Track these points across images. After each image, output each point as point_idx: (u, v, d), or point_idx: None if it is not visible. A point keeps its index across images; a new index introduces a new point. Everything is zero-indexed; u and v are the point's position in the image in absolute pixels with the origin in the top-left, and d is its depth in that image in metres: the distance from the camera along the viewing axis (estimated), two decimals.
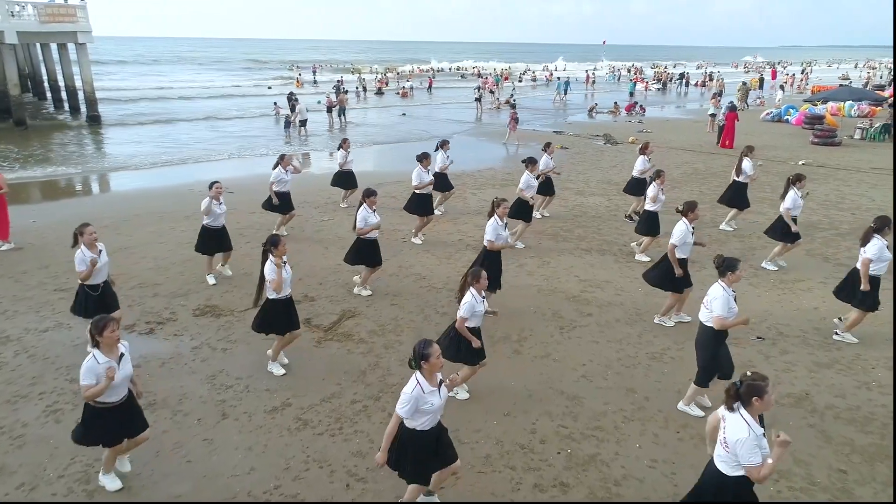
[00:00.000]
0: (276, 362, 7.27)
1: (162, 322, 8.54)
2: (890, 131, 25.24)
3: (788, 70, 76.50)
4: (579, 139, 25.36)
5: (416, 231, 12.07)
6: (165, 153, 22.23)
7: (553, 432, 6.14)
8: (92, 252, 7.12)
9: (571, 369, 7.30)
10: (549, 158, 13.18)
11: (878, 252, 7.48)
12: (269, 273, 6.80)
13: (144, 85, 49.71)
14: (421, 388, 4.51)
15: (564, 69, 77.46)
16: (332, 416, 6.39)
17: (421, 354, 4.55)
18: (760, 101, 40.16)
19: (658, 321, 8.43)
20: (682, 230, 7.93)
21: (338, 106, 30.23)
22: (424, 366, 4.53)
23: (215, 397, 6.73)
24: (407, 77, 59.64)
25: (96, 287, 7.29)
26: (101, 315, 5.09)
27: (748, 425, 3.98)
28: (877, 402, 6.61)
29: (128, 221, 13.24)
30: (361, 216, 8.91)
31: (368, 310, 8.93)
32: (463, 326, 6.22)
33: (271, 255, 6.81)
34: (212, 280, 9.87)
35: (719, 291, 5.96)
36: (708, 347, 6.10)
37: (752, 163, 12.43)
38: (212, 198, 9.42)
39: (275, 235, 7.02)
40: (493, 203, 8.41)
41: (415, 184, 11.82)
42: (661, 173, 10.74)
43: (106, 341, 4.92)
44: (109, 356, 4.95)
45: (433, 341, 4.63)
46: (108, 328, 4.91)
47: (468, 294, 6.22)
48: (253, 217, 13.34)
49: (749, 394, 4.02)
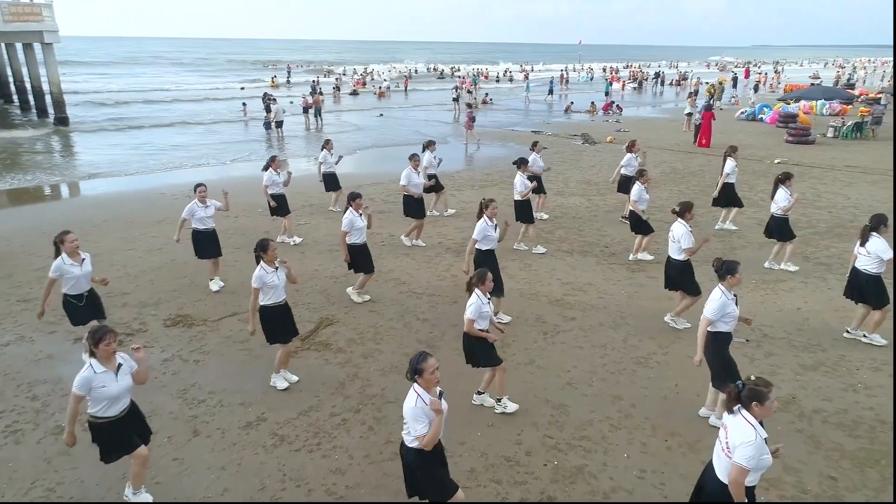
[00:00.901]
0: (280, 375, 6.95)
1: (131, 333, 8.19)
2: (862, 129, 25.61)
3: (762, 69, 77.61)
4: (557, 139, 25.30)
5: (408, 233, 11.83)
6: (137, 158, 21.65)
7: (539, 443, 5.96)
8: (74, 260, 6.84)
9: (556, 376, 7.14)
10: (539, 157, 13.04)
11: (887, 249, 7.43)
12: (255, 280, 6.55)
13: (116, 87, 48.72)
14: (423, 401, 4.29)
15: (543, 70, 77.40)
16: (310, 431, 6.14)
17: (415, 369, 4.34)
18: (735, 100, 40.60)
19: (669, 320, 8.34)
20: (684, 231, 7.91)
21: (314, 106, 29.83)
22: (419, 380, 4.33)
23: (186, 413, 6.44)
24: (384, 78, 59.23)
25: (80, 297, 7.01)
26: (97, 327, 4.91)
27: (753, 427, 3.83)
28: (863, 404, 6.54)
29: (97, 227, 12.80)
30: (348, 220, 8.66)
31: (347, 317, 8.67)
32: (473, 328, 6.04)
33: (262, 260, 6.59)
34: (215, 286, 9.59)
35: (717, 294, 5.86)
36: (712, 352, 5.96)
37: (734, 163, 12.40)
38: (197, 201, 9.23)
39: (264, 239, 6.80)
40: (482, 204, 8.20)
41: (402, 184, 11.56)
42: (644, 173, 10.68)
43: (101, 353, 4.75)
44: (108, 367, 4.77)
45: (429, 355, 4.37)
46: (104, 340, 4.73)
47: (473, 295, 6.05)
48: (227, 221, 12.98)
49: (750, 398, 3.89)
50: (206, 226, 9.44)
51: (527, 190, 10.96)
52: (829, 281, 10.00)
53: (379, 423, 6.27)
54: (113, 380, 4.77)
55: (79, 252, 6.89)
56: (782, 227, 10.21)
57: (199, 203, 9.29)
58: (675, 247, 8.08)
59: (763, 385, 3.88)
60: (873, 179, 17.67)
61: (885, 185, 16.85)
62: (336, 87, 46.83)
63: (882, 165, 19.56)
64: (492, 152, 22.56)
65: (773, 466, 3.98)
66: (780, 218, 10.16)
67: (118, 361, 4.86)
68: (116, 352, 4.86)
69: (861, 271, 7.70)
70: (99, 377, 4.71)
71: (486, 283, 6.06)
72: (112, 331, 4.83)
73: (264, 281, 6.55)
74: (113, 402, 4.81)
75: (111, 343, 4.76)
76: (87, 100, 38.57)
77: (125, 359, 4.96)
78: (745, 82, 55.14)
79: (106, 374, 4.75)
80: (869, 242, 7.56)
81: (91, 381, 4.68)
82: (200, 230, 9.43)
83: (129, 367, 4.95)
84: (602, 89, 46.05)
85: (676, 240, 8.03)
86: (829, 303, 9.12)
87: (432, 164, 13.29)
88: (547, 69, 74.06)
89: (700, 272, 8.29)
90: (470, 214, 13.84)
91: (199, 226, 9.40)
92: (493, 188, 16.45)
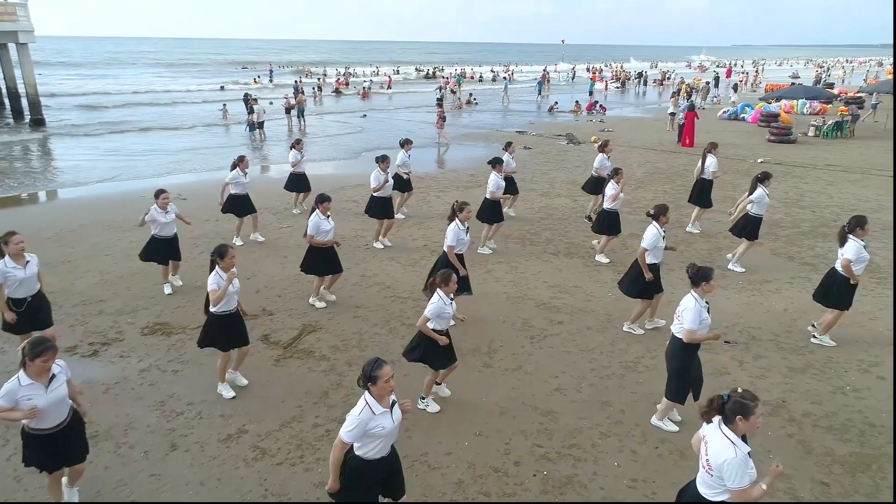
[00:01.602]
0: (226, 383, 6.77)
1: (107, 343, 7.95)
2: (842, 128, 25.87)
3: (744, 69, 78.40)
4: (542, 139, 25.26)
5: (377, 236, 11.66)
6: (115, 163, 21.14)
7: (528, 452, 5.83)
8: (18, 263, 6.58)
9: (544, 382, 7.02)
10: (511, 158, 12.98)
11: (856, 252, 7.38)
12: (211, 284, 6.34)
13: (94, 88, 47.83)
14: (370, 408, 4.14)
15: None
16: (293, 443, 5.96)
17: (368, 376, 4.17)
18: (717, 99, 40.87)
19: (627, 329, 8.22)
20: (653, 234, 7.72)
21: (296, 107, 29.52)
22: (371, 388, 4.16)
23: (164, 426, 6.23)
24: (368, 78, 58.86)
25: (20, 302, 6.71)
26: (41, 339, 4.65)
27: (733, 444, 3.70)
28: (852, 407, 6.50)
29: (73, 232, 12.48)
30: (314, 223, 8.44)
31: (330, 323, 8.49)
32: (425, 325, 5.97)
33: (217, 266, 6.37)
34: (168, 289, 9.35)
35: (691, 302, 5.72)
36: (676, 359, 5.87)
37: (716, 160, 12.38)
38: (157, 207, 8.93)
39: (223, 245, 6.56)
40: (454, 207, 8.08)
41: (373, 186, 11.41)
42: (620, 171, 10.61)
43: (35, 368, 4.48)
44: (37, 380, 4.52)
45: (384, 362, 4.22)
46: (42, 357, 4.46)
47: (436, 296, 5.96)
48: (208, 225, 12.74)
49: (734, 411, 3.73)
50: (167, 233, 9.15)
51: (499, 190, 10.96)
52: (813, 281, 9.88)
53: None
54: (41, 392, 4.50)
55: (24, 255, 6.63)
56: (754, 227, 10.15)
57: (159, 209, 8.98)
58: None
59: (750, 399, 3.73)
60: (854, 178, 17.82)
61: (865, 184, 17.01)
62: (318, 87, 46.46)
63: (861, 164, 19.76)
64: (475, 153, 22.40)
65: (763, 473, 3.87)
66: (756, 217, 10.12)
67: (52, 372, 4.59)
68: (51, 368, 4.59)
69: (837, 272, 7.66)
70: (23, 389, 4.46)
71: (450, 284, 5.98)
72: (54, 347, 4.57)
73: (219, 285, 6.33)
74: (41, 417, 4.54)
75: (49, 361, 4.50)
76: (73, 103, 37.67)
77: (62, 367, 4.72)
78: (726, 82, 55.64)
79: (32, 386, 4.49)
80: (846, 244, 7.51)
81: (15, 392, 4.45)
82: (160, 238, 9.12)
83: (64, 375, 4.69)
84: (586, 89, 46.18)
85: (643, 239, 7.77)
86: (814, 304, 9.06)
87: (406, 164, 13.18)
88: (531, 70, 73.88)
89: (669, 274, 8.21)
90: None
91: (159, 232, 9.08)
92: (479, 189, 16.28)
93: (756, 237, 10.24)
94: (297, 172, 13.75)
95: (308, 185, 13.90)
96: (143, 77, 61.56)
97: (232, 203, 11.46)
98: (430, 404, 6.44)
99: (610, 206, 10.46)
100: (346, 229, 12.16)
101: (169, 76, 63.59)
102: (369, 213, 11.73)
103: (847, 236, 7.52)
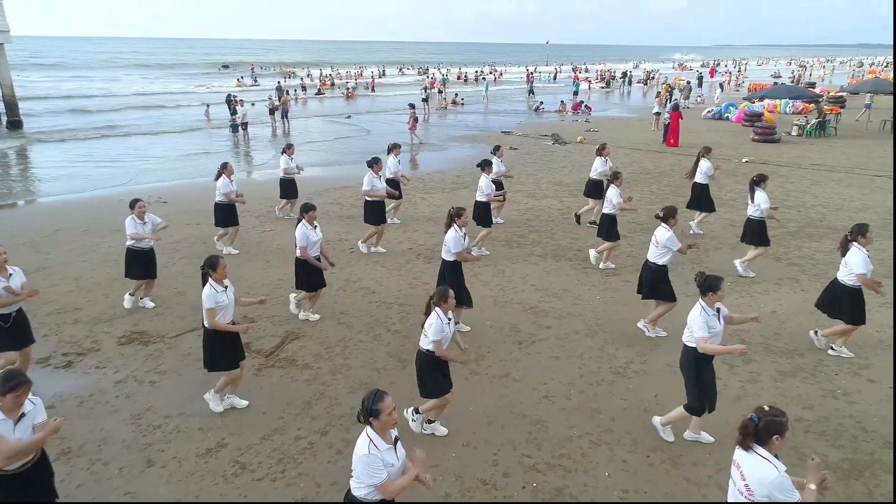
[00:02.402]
0: (217, 395, 6.48)
1: (82, 353, 7.69)
2: (825, 127, 26.05)
3: (727, 68, 79.00)
4: (528, 139, 25.17)
5: (366, 239, 11.44)
6: (95, 169, 20.74)
7: (517, 463, 5.68)
8: (1, 276, 6.29)
9: (533, 389, 6.87)
10: (500, 162, 12.80)
11: (865, 265, 7.19)
12: (207, 300, 6.05)
13: (73, 90, 47.05)
14: (375, 446, 3.80)
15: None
16: (274, 457, 5.76)
17: (370, 410, 3.79)
18: (701, 99, 41.06)
19: (642, 326, 8.10)
20: (669, 235, 7.63)
21: (281, 108, 29.20)
22: (374, 423, 3.82)
23: (140, 441, 6.00)
24: (354, 78, 58.55)
25: (6, 318, 6.41)
26: (15, 372, 4.26)
27: (772, 463, 3.60)
28: (844, 412, 6.43)
29: (47, 238, 12.17)
30: (302, 234, 8.09)
31: (313, 330, 8.29)
32: (441, 349, 5.66)
33: (210, 279, 6.11)
34: (128, 303, 8.92)
35: (697, 311, 5.59)
36: (688, 369, 5.73)
37: (711, 163, 12.30)
38: (135, 217, 8.62)
39: (213, 256, 6.24)
40: (451, 214, 7.82)
41: (365, 189, 11.18)
42: (619, 175, 10.43)
43: (8, 404, 4.09)
44: (7, 415, 4.13)
45: (385, 394, 3.86)
46: (16, 391, 4.07)
47: (433, 315, 5.64)
48: (189, 229, 12.48)
49: (769, 431, 3.62)
50: (144, 244, 8.77)
51: (493, 192, 10.82)
52: (801, 282, 9.97)
53: (348, 445, 5.88)
54: (8, 429, 4.10)
55: (6, 267, 6.35)
56: (762, 232, 10.07)
57: (137, 219, 8.65)
58: (657, 251, 7.81)
59: (780, 415, 3.65)
60: (838, 178, 17.89)
61: (849, 184, 17.08)
62: (302, 87, 46.12)
63: (845, 163, 19.86)
64: (461, 154, 22.28)
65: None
66: (759, 221, 10.04)
67: (22, 411, 4.19)
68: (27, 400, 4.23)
69: (839, 282, 7.46)
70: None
71: (448, 301, 5.68)
72: (28, 382, 4.19)
73: (216, 301, 6.06)
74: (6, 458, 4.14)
75: (22, 396, 4.13)
76: (52, 107, 36.96)
77: (35, 404, 4.31)
78: (710, 81, 56.00)
79: (3, 422, 4.10)
80: (848, 253, 7.35)
81: None
82: (136, 249, 8.73)
83: (32, 416, 4.26)
84: (570, 89, 46.24)
85: (660, 244, 7.72)
86: (803, 305, 9.05)
87: (397, 168, 12.98)
88: (518, 72, 73.76)
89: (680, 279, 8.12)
90: (441, 218, 13.48)
91: (136, 244, 8.71)
92: (465, 190, 16.17)
93: (767, 242, 10.13)
94: (288, 178, 13.48)
95: (296, 192, 13.65)
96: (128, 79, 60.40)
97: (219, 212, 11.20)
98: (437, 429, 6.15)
99: (609, 211, 10.24)
100: (329, 232, 11.94)
101: (151, 78, 62.50)
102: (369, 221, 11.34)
103: (850, 245, 7.34)
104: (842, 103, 33.35)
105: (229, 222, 11.28)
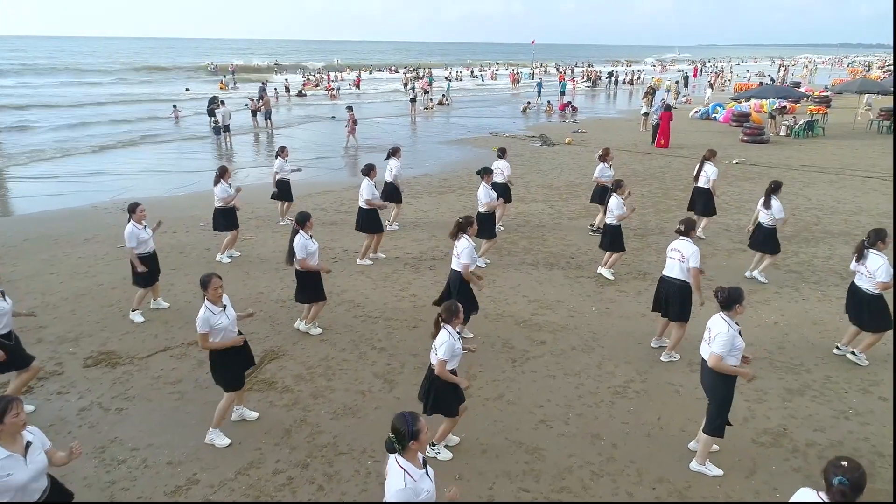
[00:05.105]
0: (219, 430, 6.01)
1: (43, 377, 7.14)
2: (813, 128, 25.94)
3: (713, 68, 79.21)
4: (515, 140, 24.78)
5: (364, 253, 10.86)
6: (70, 174, 20.09)
7: (513, 497, 5.26)
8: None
9: (529, 413, 6.45)
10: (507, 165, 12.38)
11: (888, 272, 6.90)
12: (200, 323, 5.58)
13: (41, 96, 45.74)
14: (411, 476, 3.46)
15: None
16: (250, 494, 5.29)
17: (411, 433, 3.50)
18: (687, 98, 40.95)
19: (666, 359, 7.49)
20: (694, 250, 7.12)
21: (263, 109, 28.55)
22: (413, 446, 3.52)
23: (103, 478, 5.50)
24: (337, 78, 57.87)
25: (9, 336, 6.12)
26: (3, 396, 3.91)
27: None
28: (857, 434, 6.07)
29: (14, 249, 11.55)
30: (301, 244, 7.59)
31: (294, 349, 7.81)
32: (444, 370, 5.25)
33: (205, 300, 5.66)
34: (139, 318, 8.54)
35: (724, 327, 5.21)
36: (719, 388, 5.33)
37: (716, 168, 11.90)
38: (134, 223, 8.18)
39: (205, 275, 5.83)
40: (459, 223, 7.37)
41: (366, 197, 10.53)
42: (622, 183, 9.83)
43: (8, 429, 3.74)
44: (11, 448, 3.77)
45: (418, 415, 3.59)
46: (10, 412, 3.75)
47: (444, 333, 5.23)
48: (164, 238, 11.91)
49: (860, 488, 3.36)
50: (148, 249, 8.42)
51: (493, 201, 10.30)
52: (802, 290, 9.65)
53: (330, 480, 5.46)
54: (20, 465, 3.77)
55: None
56: (774, 240, 9.74)
57: (137, 225, 8.22)
58: (681, 266, 7.23)
59: (858, 467, 3.39)
60: (829, 179, 17.69)
61: (840, 185, 16.87)
62: (286, 88, 45.45)
63: (834, 164, 19.68)
64: (448, 156, 21.84)
65: None
66: (771, 229, 9.69)
67: (26, 439, 3.87)
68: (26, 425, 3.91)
69: (860, 289, 7.19)
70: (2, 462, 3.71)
71: (458, 317, 5.28)
72: (17, 399, 3.87)
73: (211, 323, 5.59)
74: (22, 492, 3.81)
75: (20, 413, 3.80)
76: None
77: (34, 432, 3.99)
78: (694, 81, 56.02)
79: (11, 458, 3.74)
80: (868, 260, 7.06)
81: None
82: (141, 256, 8.31)
83: (40, 443, 3.99)
84: (558, 89, 45.96)
85: (686, 259, 7.16)
86: (805, 315, 8.74)
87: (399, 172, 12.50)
88: (503, 74, 73.29)
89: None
90: (428, 224, 13.14)
91: (142, 251, 8.31)
92: (452, 195, 15.75)
93: (779, 249, 9.83)
94: (283, 180, 12.95)
95: (291, 195, 13.14)
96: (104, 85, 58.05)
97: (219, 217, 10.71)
98: (440, 451, 5.76)
99: (612, 221, 9.80)
100: None
101: (130, 82, 60.63)
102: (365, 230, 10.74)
103: (867, 251, 7.07)
104: (827, 103, 33.34)
105: (230, 227, 10.82)
